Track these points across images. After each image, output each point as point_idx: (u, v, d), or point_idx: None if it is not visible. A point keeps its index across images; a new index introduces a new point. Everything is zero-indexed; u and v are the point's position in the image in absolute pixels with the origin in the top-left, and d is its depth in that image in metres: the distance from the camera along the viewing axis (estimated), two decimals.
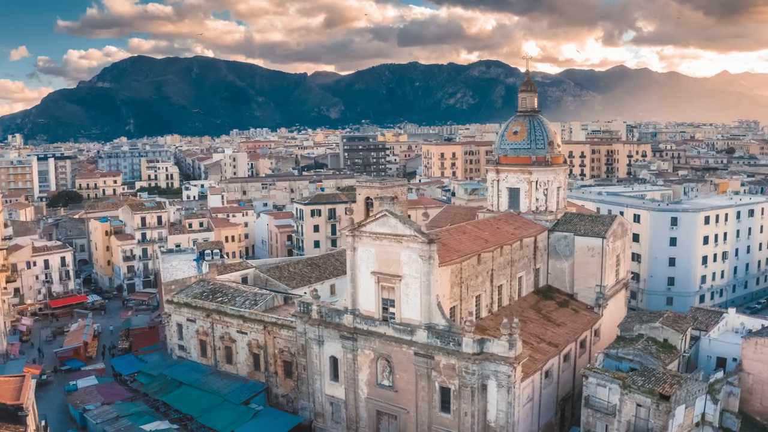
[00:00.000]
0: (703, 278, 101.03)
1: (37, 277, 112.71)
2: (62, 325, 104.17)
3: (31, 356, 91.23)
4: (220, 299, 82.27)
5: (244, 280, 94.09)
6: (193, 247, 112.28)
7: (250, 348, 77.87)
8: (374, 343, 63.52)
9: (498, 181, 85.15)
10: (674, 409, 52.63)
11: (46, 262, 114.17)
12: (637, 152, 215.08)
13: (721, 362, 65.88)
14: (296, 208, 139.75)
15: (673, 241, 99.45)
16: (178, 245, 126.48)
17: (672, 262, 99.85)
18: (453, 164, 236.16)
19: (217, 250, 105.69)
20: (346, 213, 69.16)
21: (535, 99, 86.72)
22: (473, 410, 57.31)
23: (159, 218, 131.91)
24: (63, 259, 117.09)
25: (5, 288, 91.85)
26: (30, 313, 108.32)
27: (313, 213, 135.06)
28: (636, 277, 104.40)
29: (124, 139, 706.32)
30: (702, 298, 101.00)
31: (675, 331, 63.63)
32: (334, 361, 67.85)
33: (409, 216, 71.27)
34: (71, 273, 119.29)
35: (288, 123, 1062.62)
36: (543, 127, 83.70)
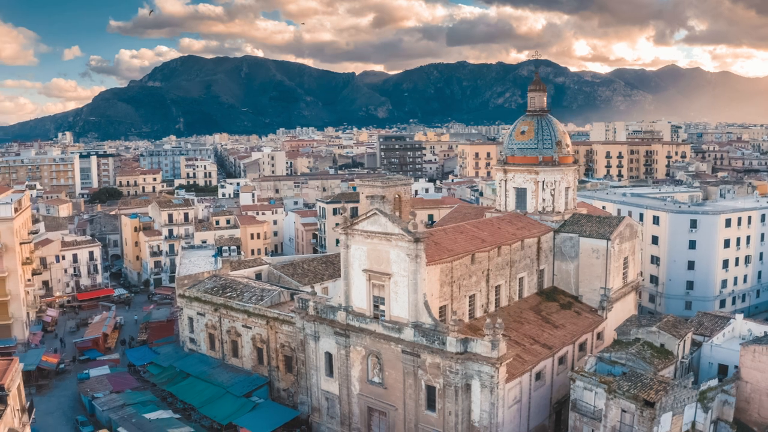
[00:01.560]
0: (724, 282, 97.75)
1: (65, 271, 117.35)
2: (87, 317, 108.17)
3: (53, 346, 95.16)
4: (229, 294, 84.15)
5: (258, 276, 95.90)
6: (212, 244, 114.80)
7: (254, 342, 79.51)
8: (365, 340, 64.12)
9: (506, 181, 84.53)
10: (659, 416, 51.48)
11: (75, 256, 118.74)
12: (676, 153, 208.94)
13: (723, 369, 63.94)
14: (319, 207, 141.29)
15: (692, 244, 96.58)
16: (204, 241, 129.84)
17: (691, 265, 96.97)
18: (487, 164, 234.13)
19: (235, 247, 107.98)
20: (341, 212, 69.88)
21: (545, 98, 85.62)
22: (457, 410, 57.25)
23: (186, 215, 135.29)
24: (91, 253, 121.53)
25: (29, 280, 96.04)
26: (58, 305, 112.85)
27: (335, 211, 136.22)
28: (655, 280, 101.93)
29: (173, 137, 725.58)
30: (723, 303, 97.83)
31: (672, 336, 62.09)
32: (329, 357, 68.74)
33: (415, 215, 71.38)
34: (99, 267, 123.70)
35: (336, 122, 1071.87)
36: (551, 127, 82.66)
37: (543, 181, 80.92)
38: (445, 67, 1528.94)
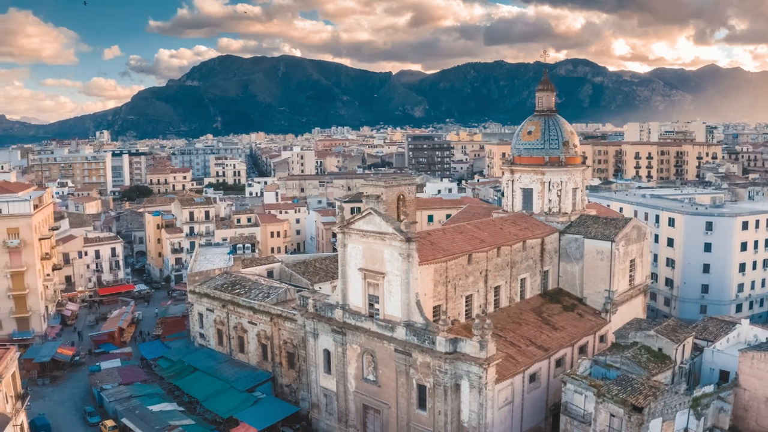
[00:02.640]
0: (741, 286, 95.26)
1: (87, 266, 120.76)
2: (106, 311, 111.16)
3: (71, 339, 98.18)
4: (237, 291, 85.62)
5: (270, 274, 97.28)
6: (227, 241, 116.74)
7: (258, 339, 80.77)
8: (360, 337, 64.66)
9: (512, 181, 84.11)
10: (648, 421, 50.71)
11: (97, 252, 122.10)
12: (707, 154, 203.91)
13: (724, 376, 62.52)
14: (338, 206, 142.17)
15: (707, 247, 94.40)
16: (225, 239, 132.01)
17: (706, 268, 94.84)
18: None
19: (249, 245, 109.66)
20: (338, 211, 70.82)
21: (553, 98, 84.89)
22: (446, 409, 57.34)
23: (206, 213, 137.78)
24: (113, 250, 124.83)
25: (48, 275, 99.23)
26: (80, 299, 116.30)
27: (352, 210, 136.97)
28: (670, 283, 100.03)
29: (209, 136, 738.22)
30: (739, 308, 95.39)
31: (669, 340, 61.04)
32: (327, 354, 69.48)
33: (407, 214, 71.77)
34: (121, 263, 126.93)
35: (372, 122, 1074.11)
36: (558, 127, 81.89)
37: (549, 182, 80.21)
38: (482, 66, 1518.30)
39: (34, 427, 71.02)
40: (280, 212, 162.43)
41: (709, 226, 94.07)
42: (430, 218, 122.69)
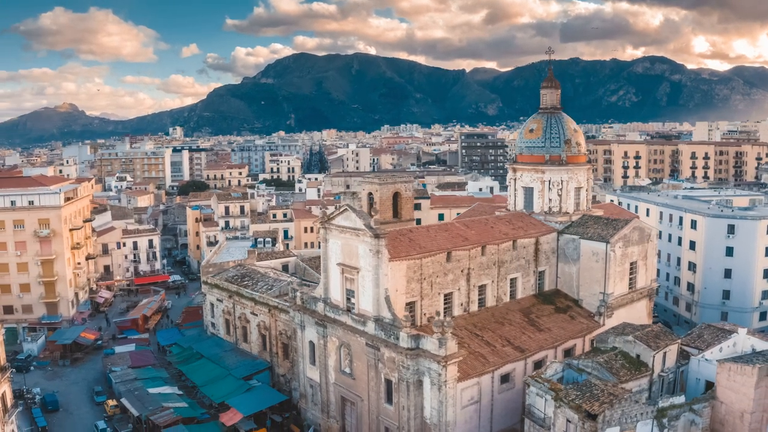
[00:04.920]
0: (765, 294, 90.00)
1: (125, 257, 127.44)
2: (138, 300, 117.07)
3: (99, 324, 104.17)
4: (246, 283, 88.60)
5: (285, 268, 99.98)
6: (249, 235, 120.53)
7: (259, 329, 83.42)
8: (338, 331, 65.97)
9: (515, 180, 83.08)
10: (603, 429, 49.39)
11: (135, 243, 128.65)
12: (767, 155, 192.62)
13: (710, 387, 59.76)
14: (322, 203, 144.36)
15: (729, 251, 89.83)
16: (246, 234, 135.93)
17: (728, 273, 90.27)
18: None
19: (270, 239, 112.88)
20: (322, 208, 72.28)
21: (558, 95, 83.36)
22: (409, 405, 57.81)
23: (242, 208, 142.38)
24: (150, 241, 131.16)
25: (80, 264, 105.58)
26: (117, 288, 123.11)
27: None
28: (691, 288, 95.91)
29: (282, 133, 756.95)
30: (763, 316, 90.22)
31: (647, 347, 58.92)
32: (312, 346, 71.17)
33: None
34: (158, 254, 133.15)
35: (445, 119, 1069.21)
36: (560, 125, 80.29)
37: (549, 181, 78.81)
38: (557, 63, 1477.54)
39: (44, 402, 76.52)
40: (320, 208, 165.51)
41: (731, 229, 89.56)
42: (441, 216, 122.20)
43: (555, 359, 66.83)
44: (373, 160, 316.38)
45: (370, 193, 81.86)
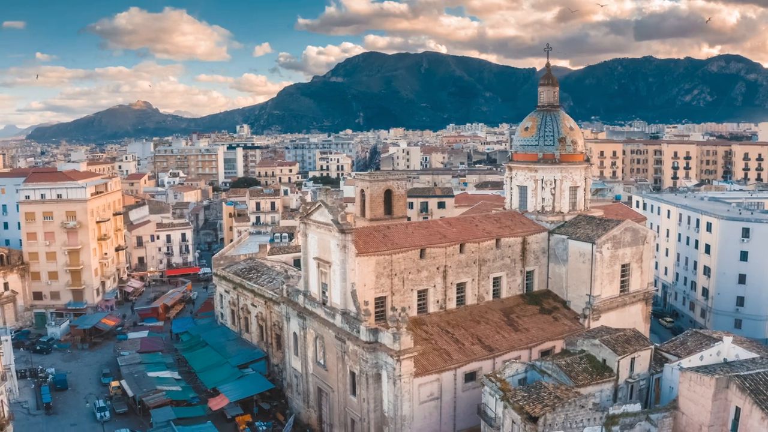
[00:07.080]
0: None
1: (159, 249, 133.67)
2: (167, 290, 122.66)
3: (124, 312, 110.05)
4: (251, 276, 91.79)
5: (297, 263, 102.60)
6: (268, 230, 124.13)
7: (257, 320, 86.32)
8: (314, 323, 67.72)
9: (510, 178, 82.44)
10: None
11: (168, 236, 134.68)
12: None
13: None
14: (300, 197, 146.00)
15: (743, 255, 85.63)
16: (261, 230, 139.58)
17: (742, 279, 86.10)
18: (613, 163, 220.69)
19: (286, 234, 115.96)
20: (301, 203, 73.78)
21: (555, 93, 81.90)
22: (369, 397, 58.87)
23: (272, 204, 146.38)
24: (183, 235, 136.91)
25: (106, 254, 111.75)
26: (150, 278, 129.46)
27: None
28: (705, 293, 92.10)
29: (349, 131, 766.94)
30: None
31: (612, 351, 57.61)
32: (295, 337, 73.25)
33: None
34: (190, 247, 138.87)
35: (514, 119, 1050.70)
36: (555, 123, 78.99)
37: (542, 179, 77.82)
38: (630, 62, 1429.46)
39: (53, 381, 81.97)
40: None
41: (745, 233, 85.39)
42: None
43: (529, 360, 66.31)
44: (424, 158, 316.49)
45: (363, 190, 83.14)
